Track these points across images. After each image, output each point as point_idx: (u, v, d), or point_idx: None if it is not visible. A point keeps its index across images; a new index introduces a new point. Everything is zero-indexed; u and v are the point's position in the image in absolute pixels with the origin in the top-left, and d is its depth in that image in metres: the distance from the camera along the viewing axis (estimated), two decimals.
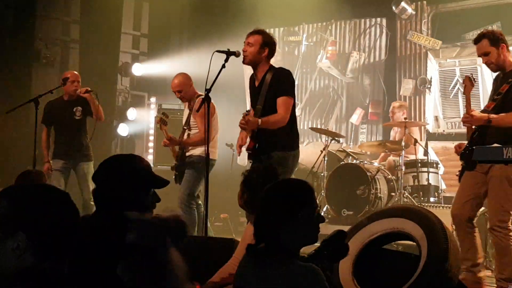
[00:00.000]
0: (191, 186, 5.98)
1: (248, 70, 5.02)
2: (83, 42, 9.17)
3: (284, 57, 9.66)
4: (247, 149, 4.86)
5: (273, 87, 4.80)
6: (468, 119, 4.69)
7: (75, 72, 6.75)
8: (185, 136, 6.13)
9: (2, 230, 1.70)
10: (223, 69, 4.65)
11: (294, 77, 4.86)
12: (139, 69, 9.98)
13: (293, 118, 4.89)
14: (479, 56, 4.90)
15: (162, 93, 9.61)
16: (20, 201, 1.74)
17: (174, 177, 6.17)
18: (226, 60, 4.67)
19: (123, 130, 9.48)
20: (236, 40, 7.47)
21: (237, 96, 9.30)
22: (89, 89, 6.52)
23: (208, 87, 4.63)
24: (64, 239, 1.74)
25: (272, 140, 4.77)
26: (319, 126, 9.02)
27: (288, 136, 4.86)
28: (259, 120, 4.64)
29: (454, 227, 4.91)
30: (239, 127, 4.66)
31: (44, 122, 6.68)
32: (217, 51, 4.62)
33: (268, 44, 4.85)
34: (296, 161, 4.98)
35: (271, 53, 4.90)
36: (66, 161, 6.65)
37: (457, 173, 4.90)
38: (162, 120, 5.85)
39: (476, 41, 4.80)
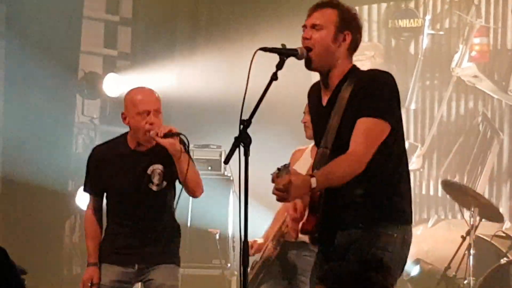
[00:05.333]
0: None
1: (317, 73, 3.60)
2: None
3: (390, 58, 8.06)
4: (303, 231, 3.56)
5: (354, 103, 3.49)
6: None
7: (149, 89, 4.70)
8: None
9: None
10: (273, 83, 3.35)
11: (398, 91, 3.45)
12: (115, 85, 7.91)
13: (398, 162, 3.48)
14: None
15: None
16: None
17: None
18: (279, 66, 3.31)
19: (84, 200, 6.85)
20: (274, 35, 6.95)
21: (287, 123, 7.21)
22: (175, 129, 4.67)
23: (247, 115, 3.32)
24: None
25: (351, 206, 3.46)
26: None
27: (386, 197, 3.45)
28: (313, 179, 3.27)
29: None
30: (275, 195, 3.30)
31: (91, 190, 4.88)
32: (263, 49, 3.29)
33: (350, 26, 3.50)
34: (406, 246, 3.54)
35: (355, 44, 3.52)
36: (127, 267, 4.81)
37: None
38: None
39: None
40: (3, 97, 7.28)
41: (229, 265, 6.64)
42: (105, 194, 4.95)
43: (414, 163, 7.83)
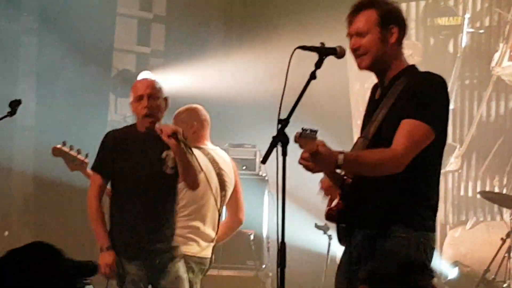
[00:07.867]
0: None
1: (355, 74, 4.70)
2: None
3: (428, 57, 7.98)
4: (328, 214, 3.63)
5: (402, 100, 3.50)
6: None
7: (148, 79, 4.97)
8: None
9: None
10: (312, 82, 3.41)
11: (449, 99, 3.57)
12: None
13: (428, 168, 3.50)
14: None
15: None
16: None
17: None
18: (318, 65, 3.38)
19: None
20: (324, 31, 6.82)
21: (332, 122, 7.41)
22: (179, 130, 4.75)
23: (283, 114, 3.35)
24: None
25: (376, 202, 3.50)
26: (497, 190, 7.55)
27: (405, 200, 3.51)
28: (341, 155, 3.30)
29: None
30: (301, 164, 3.37)
31: (103, 170, 4.76)
32: (301, 47, 3.37)
33: (393, 19, 3.54)
34: (424, 251, 3.54)
35: (402, 33, 3.56)
36: (140, 262, 4.71)
37: None
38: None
39: None
40: (35, 95, 7.24)
41: (263, 266, 6.58)
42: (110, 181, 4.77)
43: (452, 163, 7.79)
